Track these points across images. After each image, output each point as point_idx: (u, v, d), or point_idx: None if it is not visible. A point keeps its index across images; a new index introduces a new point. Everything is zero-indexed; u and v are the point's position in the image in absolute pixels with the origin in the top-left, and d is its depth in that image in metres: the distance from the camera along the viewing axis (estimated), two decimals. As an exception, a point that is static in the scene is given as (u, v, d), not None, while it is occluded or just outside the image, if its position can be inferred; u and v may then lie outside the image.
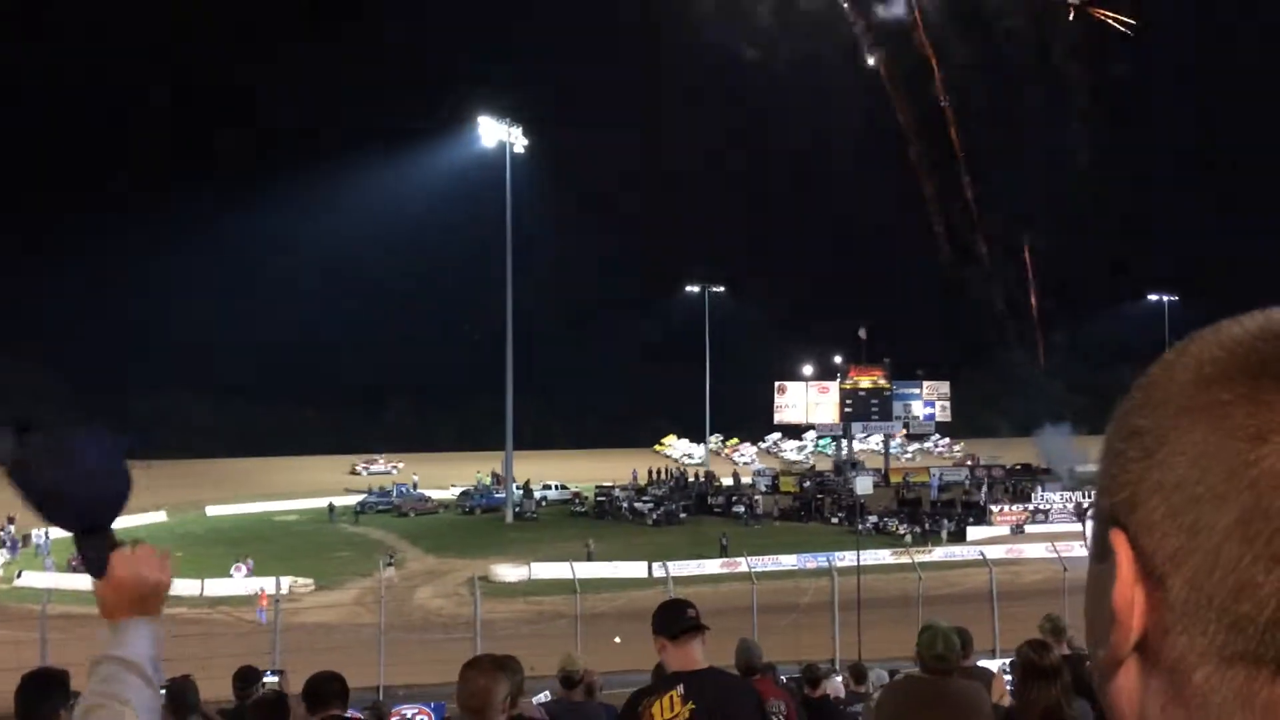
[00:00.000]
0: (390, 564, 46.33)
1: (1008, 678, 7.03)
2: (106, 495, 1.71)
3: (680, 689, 4.01)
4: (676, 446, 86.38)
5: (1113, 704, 0.66)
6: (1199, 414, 0.60)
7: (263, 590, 31.38)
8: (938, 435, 77.50)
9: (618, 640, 23.30)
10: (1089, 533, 0.69)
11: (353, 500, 67.01)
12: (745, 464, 78.77)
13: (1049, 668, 4.03)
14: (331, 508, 64.02)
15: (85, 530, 1.72)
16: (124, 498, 1.71)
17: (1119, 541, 0.63)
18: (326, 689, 5.19)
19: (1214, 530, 0.58)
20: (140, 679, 1.61)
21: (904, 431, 71.91)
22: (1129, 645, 0.63)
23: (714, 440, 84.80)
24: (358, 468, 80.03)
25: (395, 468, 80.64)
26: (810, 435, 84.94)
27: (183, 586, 41.52)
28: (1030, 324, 73.04)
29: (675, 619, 4.27)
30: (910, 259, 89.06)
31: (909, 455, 78.15)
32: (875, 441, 72.44)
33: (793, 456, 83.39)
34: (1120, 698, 0.65)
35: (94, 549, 1.71)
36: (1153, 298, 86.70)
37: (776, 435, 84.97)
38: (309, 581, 44.24)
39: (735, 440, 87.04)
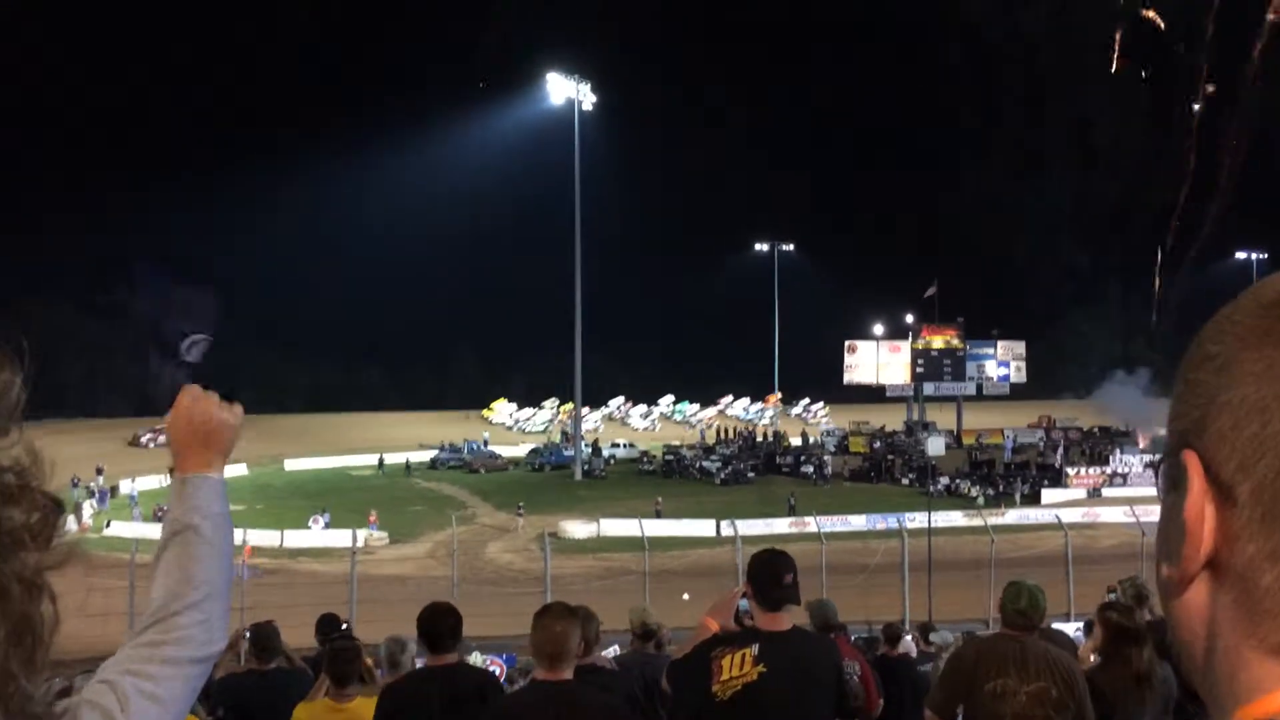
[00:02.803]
0: (520, 513, 48.29)
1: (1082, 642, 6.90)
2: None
3: (755, 649, 3.98)
4: (501, 412, 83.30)
5: (1180, 621, 0.69)
6: (1264, 335, 0.66)
7: (247, 545, 31.61)
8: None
9: (686, 597, 23.43)
10: (1160, 472, 0.72)
11: (426, 455, 68.17)
12: (588, 430, 76.17)
13: (1138, 631, 3.94)
14: (381, 463, 66.27)
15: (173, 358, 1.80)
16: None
17: (1190, 460, 0.67)
18: (442, 625, 4.96)
19: (1277, 437, 0.63)
20: (200, 539, 1.57)
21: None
22: (1201, 559, 0.66)
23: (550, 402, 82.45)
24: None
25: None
26: (666, 400, 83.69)
27: (263, 538, 42.77)
28: (1134, 278, 70.62)
29: (772, 587, 4.16)
30: (990, 221, 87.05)
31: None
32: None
33: (639, 424, 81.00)
34: (1188, 612, 0.68)
35: (171, 380, 1.79)
36: (1241, 255, 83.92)
37: (620, 399, 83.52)
38: (384, 534, 45.24)
39: (570, 405, 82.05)
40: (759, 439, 70.36)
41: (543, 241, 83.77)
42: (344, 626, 9.49)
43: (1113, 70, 65.56)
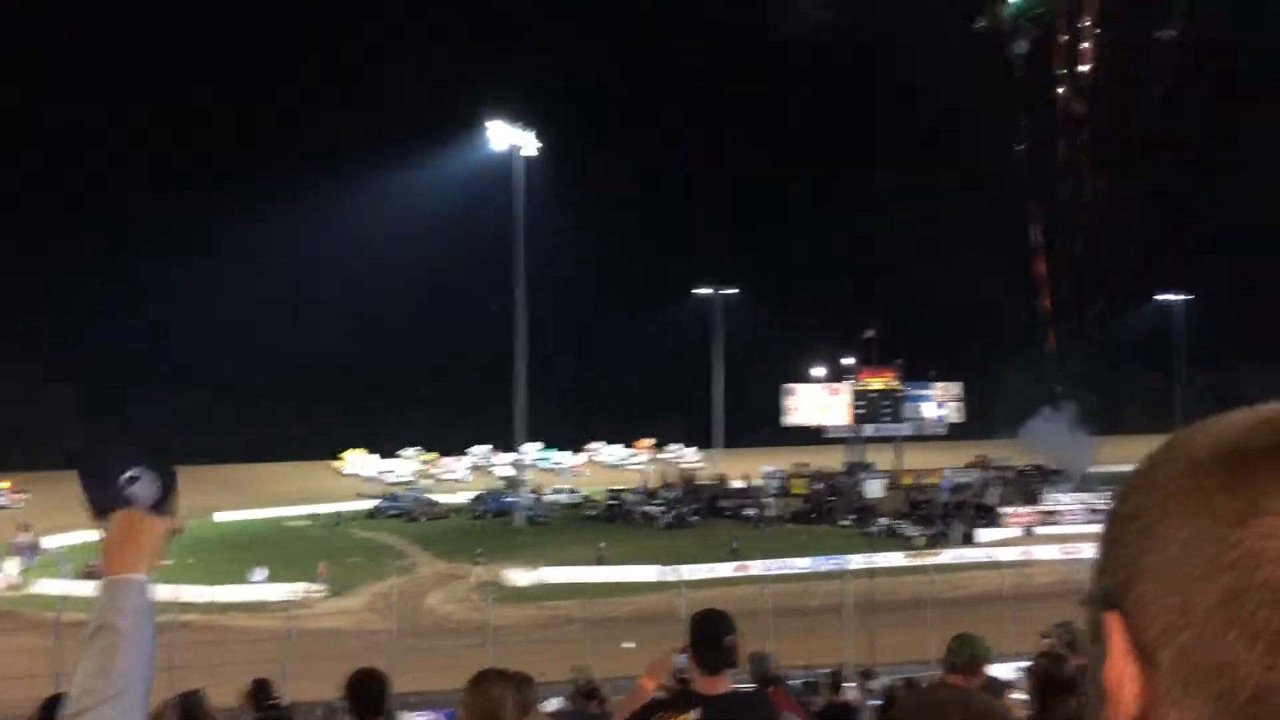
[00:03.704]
0: (479, 561, 47.25)
1: (1016, 696, 7.00)
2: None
3: (696, 714, 3.97)
4: (357, 463, 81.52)
5: None
6: (1187, 498, 0.65)
7: None
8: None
9: (628, 645, 23.26)
10: (1086, 617, 0.72)
11: (364, 505, 67.13)
12: (457, 480, 76.79)
13: (1068, 680, 4.01)
14: (323, 516, 64.88)
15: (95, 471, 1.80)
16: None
17: (1113, 622, 0.67)
18: (368, 692, 4.87)
19: (1200, 608, 0.62)
20: (119, 636, 1.58)
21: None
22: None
23: (411, 451, 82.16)
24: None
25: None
26: (534, 447, 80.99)
27: (194, 593, 41.63)
28: (1045, 323, 72.43)
29: (713, 650, 4.10)
30: (925, 262, 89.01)
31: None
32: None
33: (504, 471, 78.49)
34: None
35: (103, 488, 1.78)
36: (1163, 297, 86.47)
37: (487, 449, 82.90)
38: (320, 587, 44.30)
39: (435, 454, 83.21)
40: (701, 483, 70.45)
41: (484, 288, 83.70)
42: (276, 698, 9.25)
43: (1020, 108, 68.03)
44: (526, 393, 67.63)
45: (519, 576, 45.85)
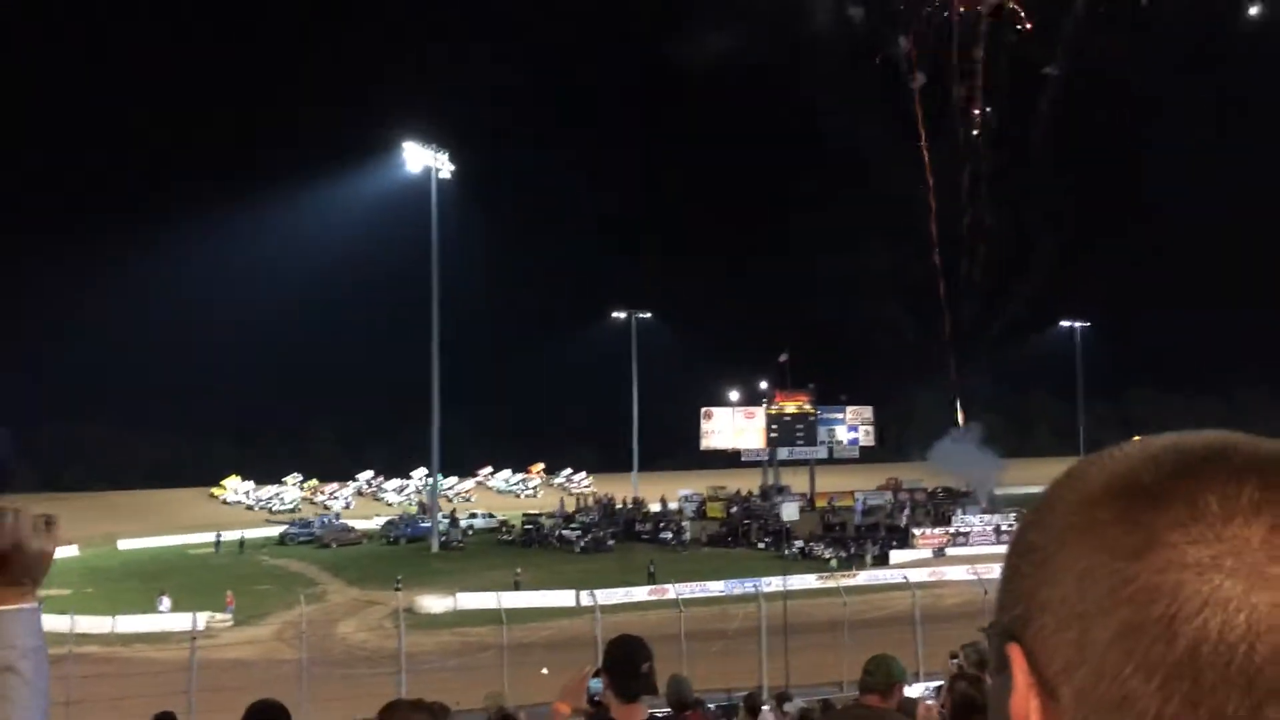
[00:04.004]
0: (399, 588, 46.02)
1: (930, 701, 7.10)
2: None
3: None
4: (233, 489, 79.85)
5: None
6: (1082, 532, 0.65)
7: None
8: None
9: (545, 671, 23.05)
10: (991, 647, 0.72)
11: (271, 532, 65.56)
12: (344, 508, 75.96)
13: (984, 702, 4.09)
14: (218, 542, 63.29)
15: None
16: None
17: (1015, 655, 0.67)
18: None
19: (1098, 644, 0.62)
20: (20, 681, 1.46)
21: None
22: None
23: (292, 479, 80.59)
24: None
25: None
26: (418, 473, 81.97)
27: (93, 624, 40.07)
28: (947, 348, 74.37)
29: (630, 678, 4.06)
30: (837, 288, 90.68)
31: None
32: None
33: (394, 498, 79.69)
34: None
35: None
36: (1065, 324, 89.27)
37: (368, 474, 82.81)
38: (227, 616, 43.06)
39: (315, 481, 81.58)
40: (618, 505, 70.39)
41: (398, 312, 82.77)
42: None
43: (921, 143, 70.06)
44: (440, 417, 66.85)
45: (433, 603, 45.16)
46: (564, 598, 43.40)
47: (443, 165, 67.01)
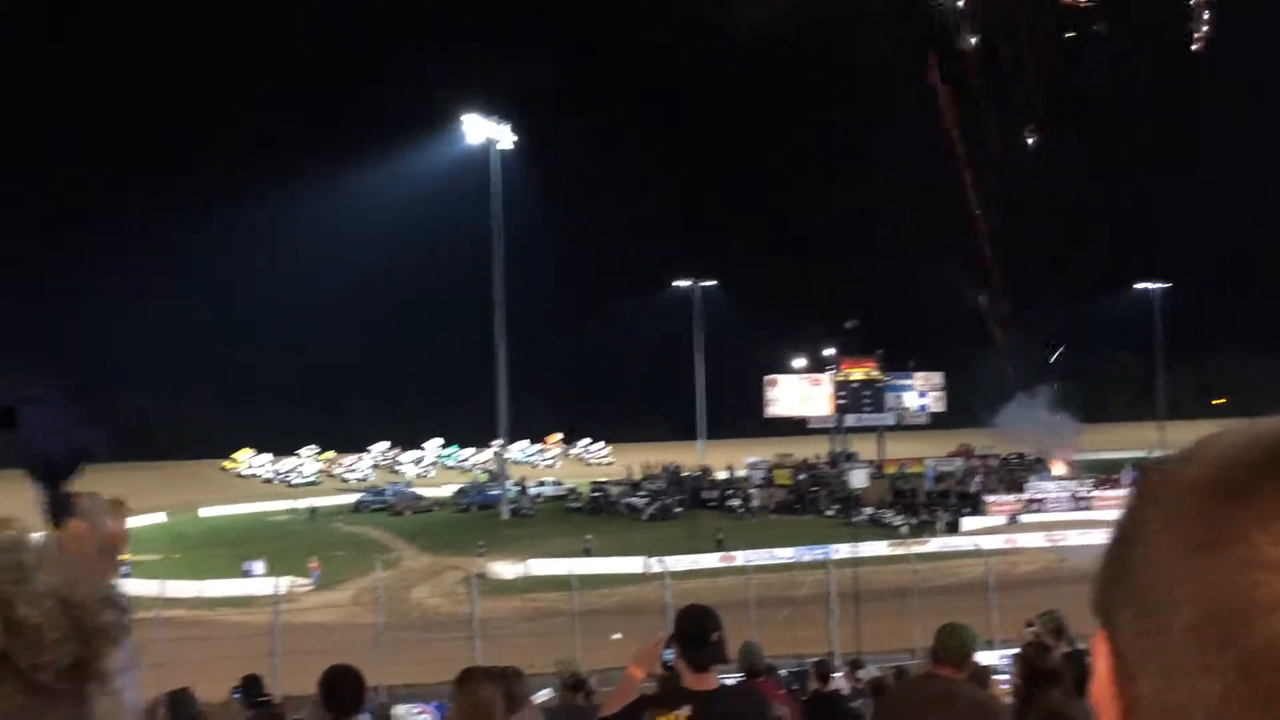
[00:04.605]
0: (481, 552, 47.51)
1: (1001, 678, 7.07)
2: (73, 448, 1.73)
3: (687, 711, 3.98)
4: (247, 462, 79.71)
5: None
6: (1166, 523, 0.65)
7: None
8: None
9: (616, 637, 23.33)
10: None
11: (344, 500, 67.06)
12: (359, 480, 75.55)
13: (1051, 670, 4.06)
14: (310, 509, 64.85)
15: (50, 480, 1.71)
16: (90, 451, 1.74)
17: (1099, 641, 0.68)
18: (342, 687, 4.81)
19: (1171, 637, 0.61)
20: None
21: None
22: None
23: (308, 450, 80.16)
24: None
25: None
26: (433, 444, 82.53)
27: (181, 588, 41.47)
28: (1001, 312, 72.93)
29: (700, 647, 4.08)
30: (905, 250, 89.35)
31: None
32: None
33: (412, 471, 78.99)
34: None
35: (56, 498, 1.69)
36: (1141, 286, 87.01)
37: (384, 445, 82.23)
38: (307, 581, 44.24)
39: (332, 453, 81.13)
40: (684, 473, 70.60)
41: (463, 284, 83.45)
42: (267, 695, 9.26)
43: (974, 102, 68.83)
44: (508, 387, 67.55)
45: (505, 569, 45.88)
46: (633, 564, 43.74)
47: (503, 136, 67.25)
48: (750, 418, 76.22)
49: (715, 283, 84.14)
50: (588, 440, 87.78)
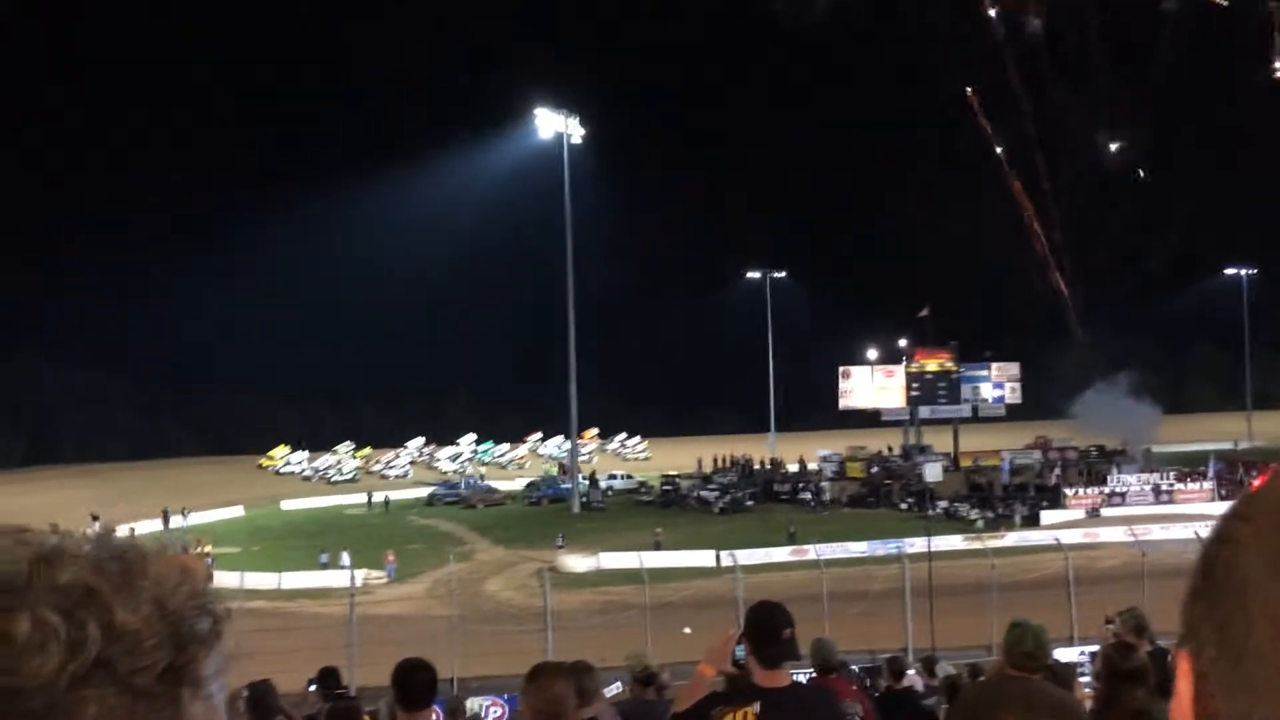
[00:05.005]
0: (561, 545, 48.78)
1: (1084, 679, 6.88)
2: None
3: (757, 708, 3.95)
4: (286, 460, 78.04)
5: None
6: (1252, 553, 0.63)
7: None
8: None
9: (687, 631, 23.32)
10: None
11: (419, 493, 68.03)
12: (398, 476, 74.58)
13: (1135, 670, 3.94)
14: (384, 501, 65.89)
15: None
16: None
17: (1182, 660, 0.67)
18: (414, 680, 4.82)
19: (1256, 659, 0.61)
20: None
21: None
22: None
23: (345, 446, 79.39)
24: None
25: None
26: (467, 440, 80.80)
27: (260, 580, 42.50)
28: (1071, 302, 71.44)
29: (771, 643, 4.05)
30: (980, 240, 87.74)
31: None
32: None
33: (447, 466, 77.56)
34: None
35: None
36: (1230, 271, 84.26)
37: (419, 441, 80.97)
38: (382, 574, 45.00)
39: (368, 448, 79.98)
40: (756, 466, 70.29)
41: (532, 276, 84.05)
42: (344, 687, 9.41)
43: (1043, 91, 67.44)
44: (576, 380, 67.88)
45: (576, 562, 46.16)
46: (704, 558, 43.66)
47: (574, 130, 67.52)
48: (824, 410, 75.57)
49: (785, 274, 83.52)
50: (623, 434, 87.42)
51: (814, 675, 7.21)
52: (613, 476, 70.27)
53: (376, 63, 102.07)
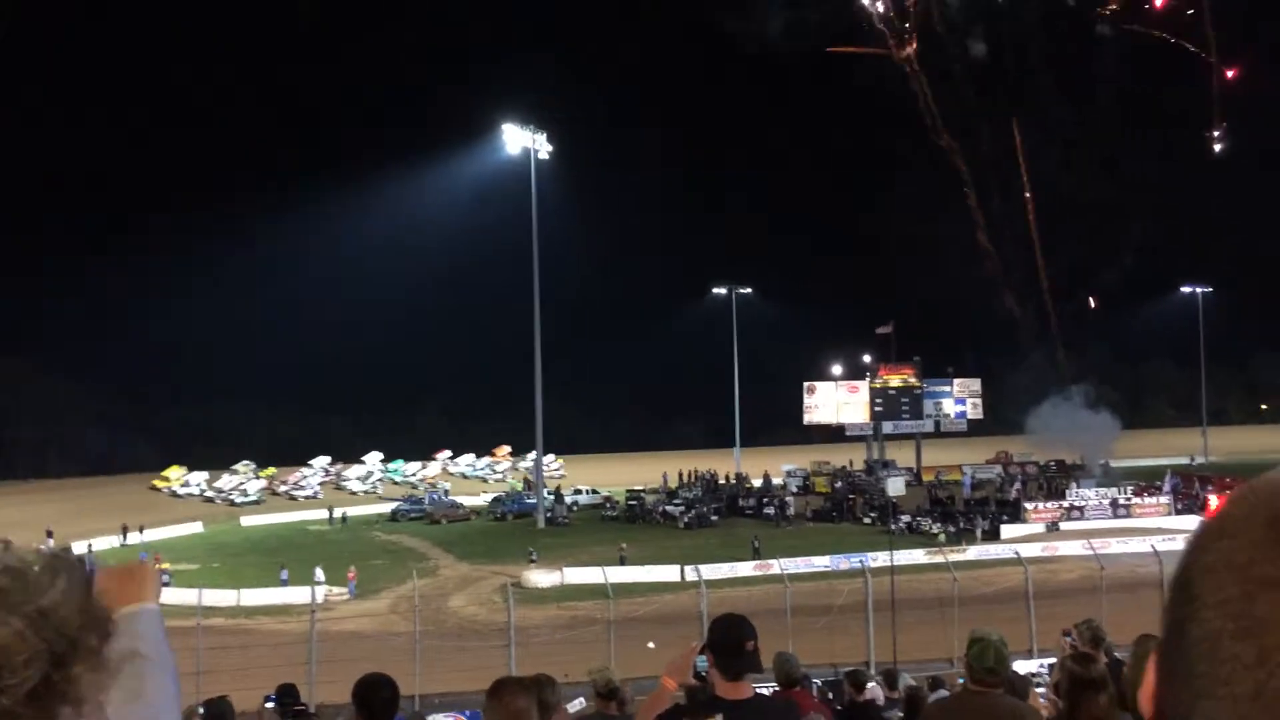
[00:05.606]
0: (533, 559, 48.35)
1: (1041, 690, 6.94)
2: None
3: (719, 719, 3.94)
4: (184, 480, 75.11)
5: None
6: (1222, 558, 0.66)
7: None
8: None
9: (651, 645, 23.25)
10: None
11: (385, 508, 67.47)
12: (307, 496, 73.09)
13: (1096, 679, 3.98)
14: (344, 517, 65.61)
15: None
16: None
17: (1152, 661, 0.71)
18: (375, 697, 4.79)
19: (1205, 669, 0.63)
20: (149, 664, 1.50)
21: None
22: None
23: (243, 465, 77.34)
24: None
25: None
26: (373, 458, 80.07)
27: (219, 597, 41.85)
28: (1055, 316, 72.34)
29: (733, 655, 4.03)
30: (941, 257, 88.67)
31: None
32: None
33: (355, 487, 76.50)
34: None
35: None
36: (1186, 289, 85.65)
37: (325, 460, 79.69)
38: (343, 590, 44.49)
39: (271, 469, 77.69)
40: (721, 481, 70.39)
41: (501, 292, 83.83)
42: (302, 704, 9.29)
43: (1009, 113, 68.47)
44: (542, 396, 67.68)
45: (541, 578, 45.92)
46: (669, 573, 43.60)
47: (541, 146, 67.53)
48: (788, 425, 75.90)
49: (750, 290, 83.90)
50: (535, 452, 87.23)
51: (776, 689, 7.22)
52: (578, 491, 70.07)
53: (340, 78, 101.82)
